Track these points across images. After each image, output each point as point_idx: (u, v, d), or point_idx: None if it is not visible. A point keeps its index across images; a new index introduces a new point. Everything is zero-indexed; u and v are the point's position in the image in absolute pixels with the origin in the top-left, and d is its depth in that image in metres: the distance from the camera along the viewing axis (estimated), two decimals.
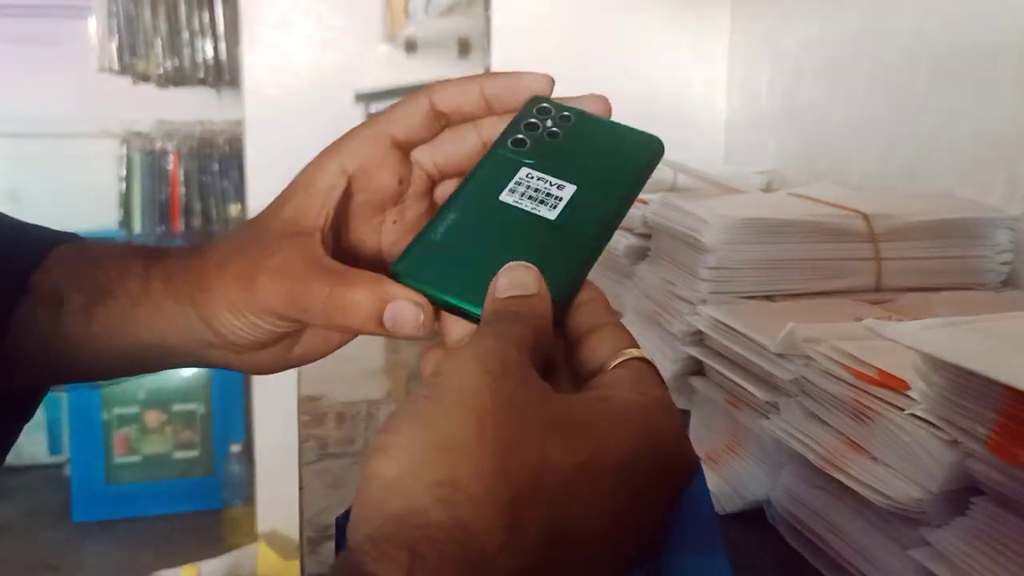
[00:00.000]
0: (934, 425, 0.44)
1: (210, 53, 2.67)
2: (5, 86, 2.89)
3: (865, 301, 0.71)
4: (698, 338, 0.70)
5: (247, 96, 2.25)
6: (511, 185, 0.39)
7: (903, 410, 0.46)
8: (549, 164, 0.39)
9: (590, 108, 0.42)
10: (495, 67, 1.33)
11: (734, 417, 0.65)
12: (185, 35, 2.65)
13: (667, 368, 0.74)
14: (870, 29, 1.04)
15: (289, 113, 2.18)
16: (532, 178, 0.39)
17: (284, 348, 0.42)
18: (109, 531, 2.65)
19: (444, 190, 0.44)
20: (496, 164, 0.40)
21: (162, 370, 0.45)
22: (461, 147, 0.42)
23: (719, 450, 0.66)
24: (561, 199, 0.38)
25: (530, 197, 0.38)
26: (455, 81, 0.42)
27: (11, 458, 0.45)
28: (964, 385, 0.41)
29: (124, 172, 2.83)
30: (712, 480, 0.63)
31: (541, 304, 0.34)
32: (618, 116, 0.41)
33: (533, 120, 0.41)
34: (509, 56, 1.32)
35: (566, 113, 0.41)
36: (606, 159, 0.40)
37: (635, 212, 0.86)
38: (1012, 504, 0.41)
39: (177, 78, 2.67)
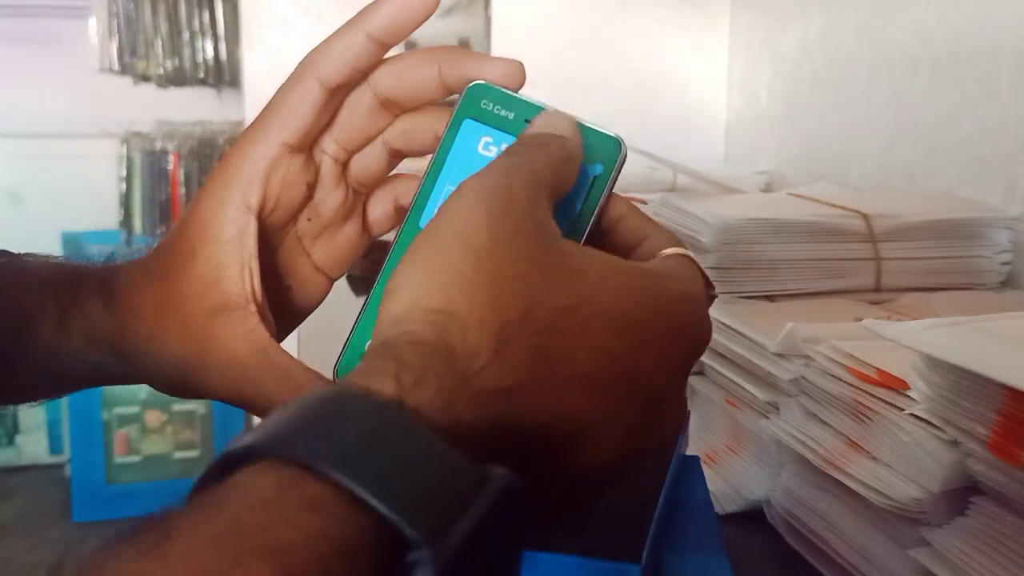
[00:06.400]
0: (934, 425, 0.44)
1: (210, 53, 2.67)
2: (5, 86, 2.89)
3: (865, 301, 0.71)
4: None
5: (247, 96, 2.25)
6: None
7: (903, 410, 0.46)
8: None
9: (496, 75, 0.36)
10: None
11: (734, 417, 0.65)
12: (185, 35, 2.65)
13: None
14: (870, 29, 1.04)
15: None
16: None
17: None
18: (109, 531, 2.65)
19: (357, 168, 0.40)
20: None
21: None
22: (357, 115, 0.38)
23: (719, 450, 0.66)
24: None
25: None
26: (404, 60, 0.37)
27: (11, 458, 0.44)
28: (964, 385, 0.41)
29: (124, 172, 2.83)
30: (712, 480, 0.63)
31: (571, 144, 0.32)
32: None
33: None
34: (509, 56, 1.32)
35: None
36: None
37: None
38: (1012, 504, 0.41)
39: (177, 78, 2.67)
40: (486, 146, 0.35)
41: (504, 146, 0.35)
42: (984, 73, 0.86)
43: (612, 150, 0.35)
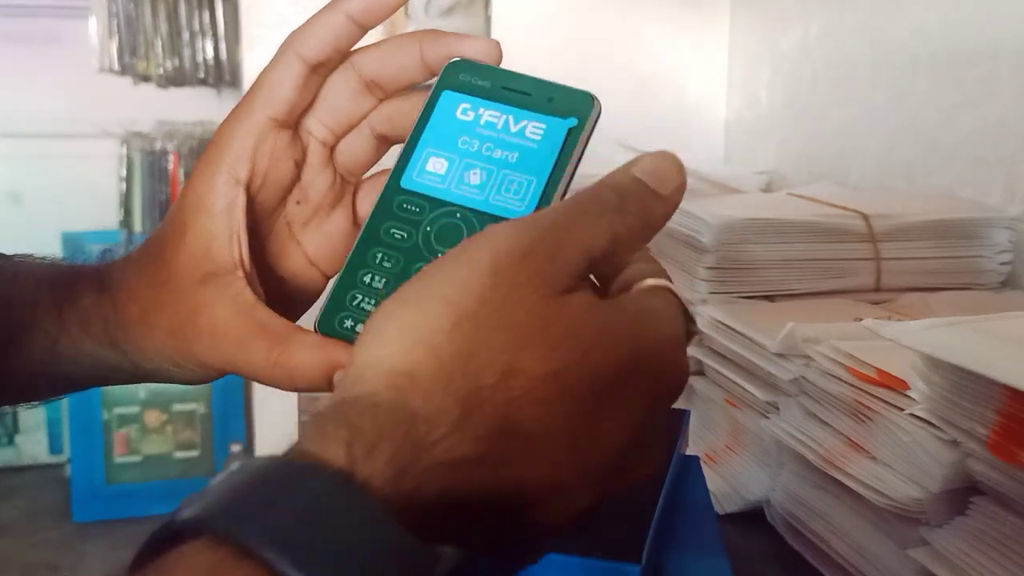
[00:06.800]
0: (934, 425, 0.44)
1: (210, 53, 2.67)
2: (5, 86, 2.89)
3: (865, 301, 0.71)
4: (698, 338, 0.70)
5: None
6: None
7: (903, 410, 0.46)
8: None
9: (474, 52, 0.37)
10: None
11: (734, 417, 0.65)
12: (185, 35, 2.65)
13: None
14: (870, 29, 1.04)
15: None
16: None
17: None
18: (109, 531, 2.65)
19: (344, 155, 0.40)
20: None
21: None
22: (343, 98, 0.38)
23: (719, 450, 0.66)
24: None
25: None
26: (387, 43, 0.38)
27: (11, 458, 0.44)
28: (964, 385, 0.41)
29: (124, 172, 2.83)
30: (712, 480, 0.63)
31: (661, 207, 0.30)
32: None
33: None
34: (509, 56, 1.32)
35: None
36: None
37: None
38: (1012, 504, 0.41)
39: (177, 78, 2.66)
40: (464, 112, 0.36)
41: (482, 111, 0.36)
42: (984, 73, 0.86)
43: (586, 104, 0.35)
